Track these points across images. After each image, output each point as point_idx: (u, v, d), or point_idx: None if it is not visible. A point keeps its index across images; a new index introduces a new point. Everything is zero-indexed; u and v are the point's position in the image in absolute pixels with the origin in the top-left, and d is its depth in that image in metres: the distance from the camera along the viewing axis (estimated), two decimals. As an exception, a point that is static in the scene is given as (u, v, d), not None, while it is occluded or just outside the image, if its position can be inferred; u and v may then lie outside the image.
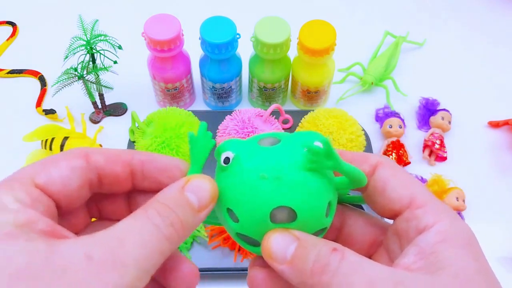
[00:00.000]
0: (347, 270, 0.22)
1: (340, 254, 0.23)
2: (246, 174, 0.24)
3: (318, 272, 0.22)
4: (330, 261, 0.22)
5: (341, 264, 0.22)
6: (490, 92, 0.76)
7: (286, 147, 0.25)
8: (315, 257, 0.23)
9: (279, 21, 0.63)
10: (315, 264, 0.23)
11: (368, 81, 0.73)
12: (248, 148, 0.25)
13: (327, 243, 0.23)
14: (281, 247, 0.24)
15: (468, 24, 0.84)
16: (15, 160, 0.67)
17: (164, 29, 0.61)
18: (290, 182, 0.24)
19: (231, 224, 0.25)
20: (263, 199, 0.24)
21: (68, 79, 0.63)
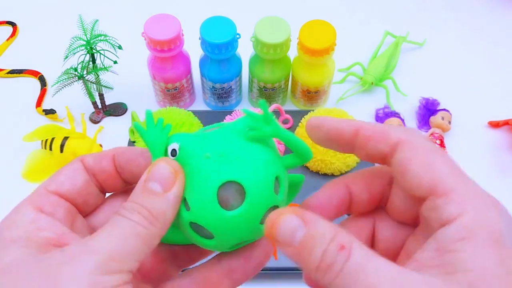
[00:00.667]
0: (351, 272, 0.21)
1: (346, 253, 0.21)
2: (192, 158, 0.25)
3: (323, 270, 0.22)
4: (336, 261, 0.22)
5: (345, 266, 0.21)
6: (490, 92, 0.76)
7: (228, 129, 0.26)
8: (322, 253, 0.22)
9: (279, 21, 0.63)
10: (321, 261, 0.22)
11: (368, 81, 0.73)
12: (192, 137, 0.26)
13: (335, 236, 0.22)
14: (288, 230, 0.23)
15: (468, 24, 0.84)
16: (15, 160, 0.67)
17: (164, 29, 0.61)
18: (233, 156, 0.24)
19: (183, 214, 0.25)
20: (208, 176, 0.24)
21: (68, 79, 0.63)
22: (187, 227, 0.25)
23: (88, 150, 0.65)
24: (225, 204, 0.24)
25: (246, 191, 0.24)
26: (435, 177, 0.23)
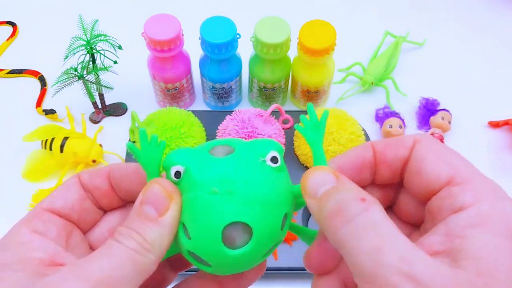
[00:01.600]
0: (362, 225, 0.20)
1: (364, 206, 0.21)
2: (197, 189, 0.23)
3: (335, 212, 0.21)
4: (353, 207, 0.21)
5: (361, 215, 0.21)
6: (490, 92, 0.76)
7: (239, 157, 0.24)
8: (340, 200, 0.21)
9: (279, 21, 0.63)
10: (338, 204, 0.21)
11: (368, 81, 0.73)
12: (199, 159, 0.24)
13: (360, 192, 0.22)
14: (317, 182, 0.23)
15: (468, 24, 0.84)
16: (15, 160, 0.67)
17: (164, 29, 0.61)
18: (243, 194, 0.23)
19: (183, 241, 0.24)
20: (214, 215, 0.22)
21: (68, 79, 0.63)
22: (186, 253, 0.24)
23: (88, 150, 0.65)
24: (230, 242, 0.23)
25: (254, 232, 0.23)
26: (453, 167, 0.23)
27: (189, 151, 0.25)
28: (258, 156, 0.24)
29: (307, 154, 0.62)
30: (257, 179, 0.23)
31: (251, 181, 0.23)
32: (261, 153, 0.24)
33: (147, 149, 0.25)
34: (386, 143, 0.26)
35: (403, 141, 0.25)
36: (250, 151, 0.24)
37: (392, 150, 0.25)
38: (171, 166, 0.24)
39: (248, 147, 0.24)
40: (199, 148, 0.25)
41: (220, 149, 0.25)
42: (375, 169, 0.26)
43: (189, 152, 0.24)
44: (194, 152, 0.24)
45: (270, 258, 0.57)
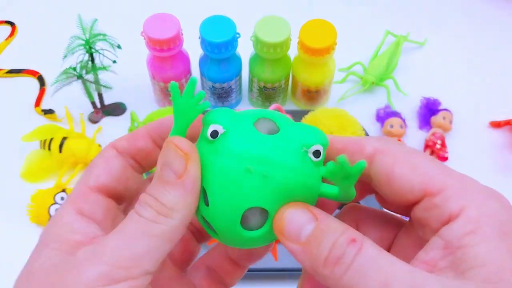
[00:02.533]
0: (362, 266, 0.20)
1: (358, 246, 0.20)
2: (231, 159, 0.22)
3: (332, 262, 0.20)
4: (346, 253, 0.20)
5: (357, 258, 0.20)
6: (492, 92, 0.75)
7: (282, 141, 0.22)
8: (331, 245, 0.21)
9: (279, 20, 0.63)
10: (330, 254, 0.20)
11: (369, 80, 0.72)
12: (242, 128, 0.23)
13: (346, 230, 0.21)
14: (297, 224, 0.22)
15: (469, 24, 0.84)
16: (13, 160, 0.66)
17: (164, 28, 0.61)
18: (275, 183, 0.22)
19: (200, 205, 0.23)
20: (241, 194, 0.22)
21: (67, 79, 0.63)
22: (199, 215, 0.24)
23: (86, 150, 0.64)
24: (245, 222, 0.22)
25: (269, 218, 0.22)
26: (424, 176, 0.22)
27: (234, 115, 0.23)
28: (302, 145, 0.22)
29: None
30: (294, 171, 0.22)
31: (288, 171, 0.22)
32: (305, 143, 0.23)
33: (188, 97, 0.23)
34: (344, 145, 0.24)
35: (361, 147, 0.24)
36: (295, 137, 0.23)
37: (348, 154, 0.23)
38: (211, 123, 0.23)
39: (293, 131, 0.23)
40: (245, 115, 0.24)
41: (265, 124, 0.23)
42: None
43: (234, 116, 0.23)
44: (239, 118, 0.23)
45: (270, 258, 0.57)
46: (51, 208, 0.59)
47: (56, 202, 0.59)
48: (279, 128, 0.23)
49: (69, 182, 0.64)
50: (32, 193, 0.62)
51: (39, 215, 0.60)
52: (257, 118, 0.23)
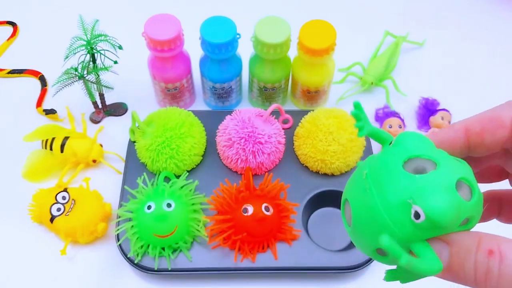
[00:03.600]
0: (509, 275, 0.20)
1: (498, 257, 0.21)
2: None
3: (482, 281, 0.21)
4: (491, 267, 0.21)
5: (502, 268, 0.20)
6: (490, 92, 0.76)
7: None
8: (473, 265, 0.21)
9: (279, 21, 0.63)
10: (476, 273, 0.21)
11: (368, 81, 0.73)
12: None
13: (480, 244, 0.21)
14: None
15: (468, 24, 0.85)
16: (15, 160, 0.67)
17: (164, 29, 0.61)
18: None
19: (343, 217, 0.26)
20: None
21: (69, 79, 0.63)
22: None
23: (88, 150, 0.65)
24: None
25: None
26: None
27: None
28: (410, 197, 0.22)
29: (307, 154, 0.63)
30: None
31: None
32: (413, 197, 0.22)
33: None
34: (481, 126, 0.23)
35: (499, 121, 0.23)
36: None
37: (489, 134, 0.23)
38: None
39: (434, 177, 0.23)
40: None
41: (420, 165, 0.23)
42: (470, 151, 0.25)
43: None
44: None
45: (270, 258, 0.58)
46: (53, 207, 0.59)
47: (57, 201, 0.60)
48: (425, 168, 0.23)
49: (70, 182, 0.64)
50: (34, 193, 0.62)
51: (40, 214, 0.60)
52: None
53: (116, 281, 0.59)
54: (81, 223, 0.58)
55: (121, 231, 0.57)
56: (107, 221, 0.61)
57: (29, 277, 0.59)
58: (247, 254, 0.57)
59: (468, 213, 0.22)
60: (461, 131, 0.24)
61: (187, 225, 0.57)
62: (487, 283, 0.21)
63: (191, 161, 0.62)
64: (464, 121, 0.24)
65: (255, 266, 0.57)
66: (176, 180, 0.60)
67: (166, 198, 0.57)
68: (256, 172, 0.63)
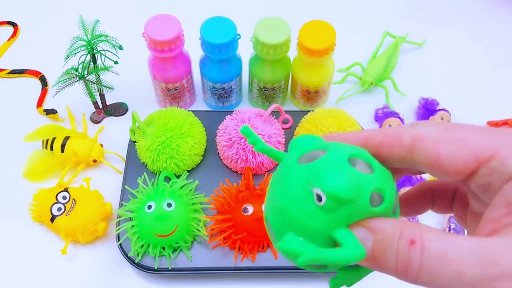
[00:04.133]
0: (431, 265, 0.20)
1: (419, 246, 0.20)
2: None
3: (403, 270, 0.21)
4: (412, 257, 0.20)
5: (423, 259, 0.20)
6: (489, 92, 0.76)
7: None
8: (395, 254, 0.21)
9: (279, 21, 0.63)
10: (397, 263, 0.21)
11: (368, 81, 0.73)
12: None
13: (402, 233, 0.21)
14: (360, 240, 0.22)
15: (467, 25, 0.85)
16: (16, 160, 0.67)
17: (165, 29, 0.61)
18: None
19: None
20: None
21: (69, 79, 0.64)
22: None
23: (88, 150, 0.65)
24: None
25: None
26: (472, 147, 0.22)
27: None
28: (309, 183, 0.22)
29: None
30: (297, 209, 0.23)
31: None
32: (311, 181, 0.22)
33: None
34: (381, 140, 0.24)
35: (399, 139, 0.23)
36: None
37: (387, 148, 0.24)
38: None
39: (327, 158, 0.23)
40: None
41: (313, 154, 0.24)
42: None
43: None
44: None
45: (270, 257, 0.58)
46: (53, 207, 0.59)
47: (58, 201, 0.60)
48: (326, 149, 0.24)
49: (71, 182, 0.64)
50: (34, 193, 0.62)
51: (41, 214, 0.60)
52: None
53: (116, 281, 0.59)
54: (82, 222, 0.58)
55: (121, 230, 0.58)
56: (107, 221, 0.61)
57: (30, 277, 0.59)
58: (247, 253, 0.57)
59: (373, 185, 0.22)
60: (361, 139, 0.25)
61: (187, 225, 0.57)
62: (408, 273, 0.21)
63: (191, 161, 0.63)
64: (369, 131, 0.25)
65: (255, 265, 0.57)
66: (177, 180, 0.60)
67: (167, 198, 0.57)
68: (256, 172, 0.63)
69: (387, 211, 0.23)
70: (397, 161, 0.24)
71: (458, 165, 0.22)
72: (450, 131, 0.22)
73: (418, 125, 0.24)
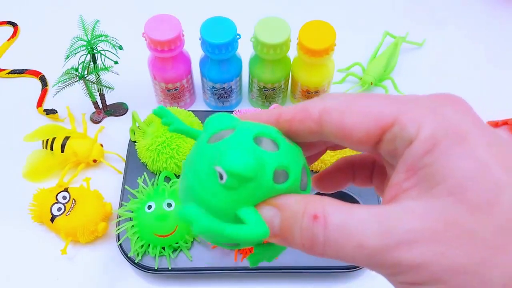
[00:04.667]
0: (335, 238, 0.20)
1: (322, 222, 0.20)
2: None
3: (310, 247, 0.21)
4: (315, 233, 0.21)
5: (327, 234, 0.20)
6: (489, 92, 0.76)
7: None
8: (300, 231, 0.21)
9: (279, 21, 0.63)
10: (303, 240, 0.21)
11: (368, 81, 0.73)
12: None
13: (306, 209, 0.21)
14: (268, 222, 0.22)
15: (467, 24, 0.85)
16: (16, 160, 0.67)
17: (165, 29, 0.61)
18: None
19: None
20: None
21: (69, 79, 0.64)
22: None
23: (88, 150, 0.65)
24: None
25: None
26: (375, 115, 0.22)
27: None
28: (212, 162, 0.22)
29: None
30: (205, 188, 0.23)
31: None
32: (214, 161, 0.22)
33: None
34: (291, 115, 0.24)
35: (307, 113, 0.23)
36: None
37: (297, 123, 0.24)
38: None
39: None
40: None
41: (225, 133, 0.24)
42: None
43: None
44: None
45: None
46: (53, 207, 0.59)
47: (58, 201, 0.60)
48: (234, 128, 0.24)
49: (71, 182, 0.64)
50: (34, 193, 0.62)
51: (41, 214, 0.60)
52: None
53: (116, 281, 0.59)
54: (82, 222, 0.58)
55: (121, 230, 0.58)
56: (107, 221, 0.61)
57: (30, 277, 0.59)
58: (247, 253, 0.57)
59: (277, 162, 0.22)
60: (274, 116, 0.25)
61: (188, 225, 0.57)
62: (313, 248, 0.21)
63: (191, 161, 0.63)
64: (282, 108, 0.25)
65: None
66: (177, 180, 0.60)
67: (167, 198, 0.57)
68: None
69: (293, 188, 0.23)
70: (308, 135, 0.24)
71: (363, 134, 0.22)
72: (354, 101, 0.23)
73: (325, 97, 0.24)
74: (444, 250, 0.19)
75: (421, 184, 0.20)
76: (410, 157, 0.20)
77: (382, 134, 0.22)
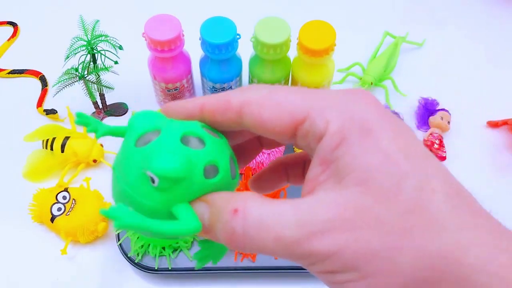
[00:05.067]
0: (254, 231, 0.21)
1: (241, 216, 0.21)
2: None
3: (230, 240, 0.21)
4: (234, 227, 0.21)
5: (246, 227, 0.21)
6: (489, 92, 0.76)
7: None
8: (223, 225, 0.21)
9: (279, 21, 0.63)
10: (225, 233, 0.21)
11: (368, 81, 0.73)
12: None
13: (227, 204, 0.22)
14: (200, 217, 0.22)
15: (468, 24, 0.85)
16: (16, 160, 0.67)
17: (165, 29, 0.61)
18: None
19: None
20: None
21: (69, 79, 0.64)
22: None
23: (88, 150, 0.65)
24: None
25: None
26: (289, 110, 0.22)
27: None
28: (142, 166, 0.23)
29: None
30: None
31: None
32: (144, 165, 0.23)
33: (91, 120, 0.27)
34: (213, 107, 0.24)
35: (228, 104, 0.24)
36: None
37: (219, 114, 0.24)
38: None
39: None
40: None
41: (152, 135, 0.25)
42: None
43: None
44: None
45: (270, 257, 0.58)
46: (53, 207, 0.59)
47: (58, 201, 0.60)
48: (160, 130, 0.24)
49: (71, 182, 0.64)
50: (34, 193, 0.62)
51: (41, 214, 0.60)
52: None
53: (116, 281, 0.59)
54: (82, 222, 0.58)
55: (121, 230, 0.58)
56: (107, 221, 0.61)
57: (30, 277, 0.59)
58: (247, 253, 0.57)
59: (206, 159, 0.23)
60: (197, 107, 0.25)
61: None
62: (233, 242, 0.21)
63: (191, 161, 0.63)
64: (204, 98, 0.25)
65: (255, 265, 0.57)
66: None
67: (167, 198, 0.57)
68: (256, 172, 0.63)
69: (224, 180, 0.23)
70: (231, 125, 0.24)
71: (279, 128, 0.22)
72: (272, 94, 0.23)
73: (246, 90, 0.24)
74: (356, 237, 0.19)
75: (333, 176, 0.21)
76: (322, 151, 0.21)
77: (295, 128, 0.22)
